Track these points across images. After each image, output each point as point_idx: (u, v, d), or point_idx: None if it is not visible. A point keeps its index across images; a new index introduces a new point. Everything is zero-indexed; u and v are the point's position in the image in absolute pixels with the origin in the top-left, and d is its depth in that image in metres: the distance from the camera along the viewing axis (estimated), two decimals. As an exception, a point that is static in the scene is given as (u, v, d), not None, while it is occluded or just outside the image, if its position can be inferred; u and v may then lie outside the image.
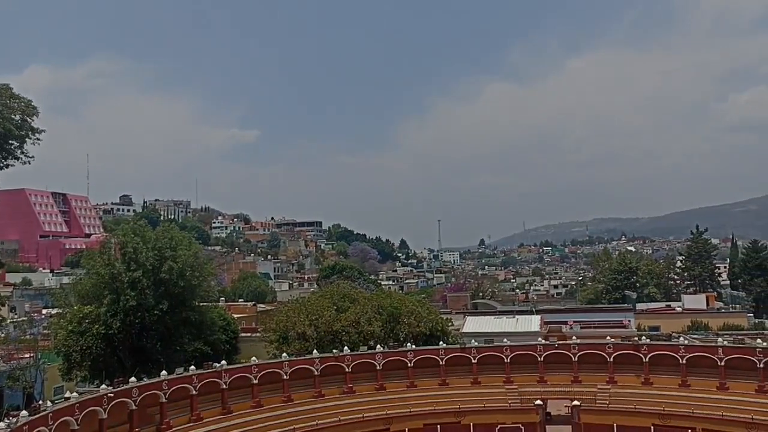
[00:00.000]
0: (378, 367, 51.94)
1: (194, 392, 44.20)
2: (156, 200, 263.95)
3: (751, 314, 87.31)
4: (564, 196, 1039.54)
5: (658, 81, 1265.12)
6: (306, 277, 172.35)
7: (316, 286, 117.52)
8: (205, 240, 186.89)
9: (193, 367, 45.93)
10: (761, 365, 45.64)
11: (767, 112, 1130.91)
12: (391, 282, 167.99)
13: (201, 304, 55.75)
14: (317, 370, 50.39)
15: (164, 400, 42.28)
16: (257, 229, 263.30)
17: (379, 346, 53.21)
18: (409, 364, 52.48)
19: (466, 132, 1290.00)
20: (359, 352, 52.27)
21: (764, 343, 48.49)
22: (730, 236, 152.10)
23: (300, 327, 55.03)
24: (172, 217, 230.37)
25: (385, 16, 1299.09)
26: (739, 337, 58.78)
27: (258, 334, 64.27)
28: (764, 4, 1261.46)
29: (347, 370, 51.25)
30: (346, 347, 52.31)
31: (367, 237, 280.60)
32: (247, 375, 47.85)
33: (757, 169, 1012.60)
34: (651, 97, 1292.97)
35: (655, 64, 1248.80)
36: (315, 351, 51.69)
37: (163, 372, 43.89)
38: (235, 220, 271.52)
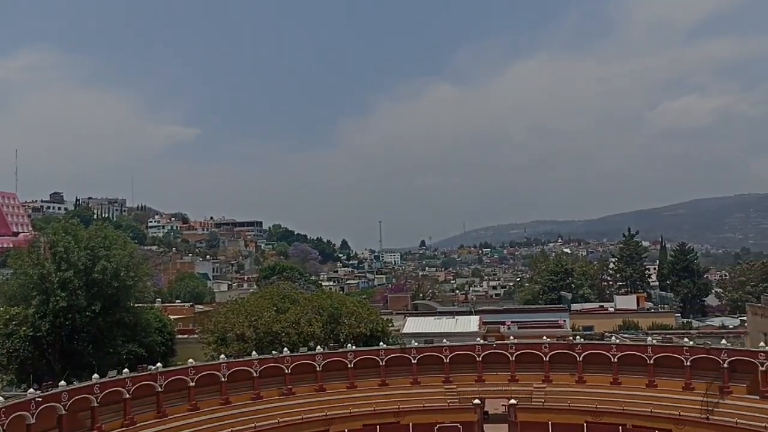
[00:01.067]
0: (318, 368, 51.69)
1: (127, 396, 42.95)
2: (89, 198, 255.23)
3: (679, 314, 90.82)
4: (503, 198, 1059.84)
5: (596, 87, 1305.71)
6: (246, 277, 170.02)
7: (255, 286, 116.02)
8: (141, 239, 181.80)
9: (126, 370, 44.60)
10: (688, 363, 47.46)
11: (696, 121, 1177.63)
12: (332, 283, 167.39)
13: (136, 305, 54.36)
14: (256, 371, 49.74)
15: (96, 404, 40.91)
16: (196, 229, 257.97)
17: (319, 347, 52.96)
18: (349, 365, 52.41)
19: (409, 133, 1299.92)
20: (299, 353, 51.88)
21: (691, 342, 50.46)
22: (660, 239, 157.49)
23: (239, 328, 54.29)
24: (107, 215, 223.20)
25: (329, 15, 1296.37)
26: (667, 336, 61.11)
27: (195, 336, 63.09)
28: (695, 17, 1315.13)
29: (287, 371, 50.79)
30: (285, 348, 51.84)
31: (308, 237, 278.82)
32: (183, 377, 46.81)
33: (686, 175, 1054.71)
34: (589, 103, 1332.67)
35: (593, 70, 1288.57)
36: (254, 352, 51.08)
37: (95, 375, 42.46)
38: (173, 219, 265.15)
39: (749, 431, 41.38)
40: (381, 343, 55.39)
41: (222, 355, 50.91)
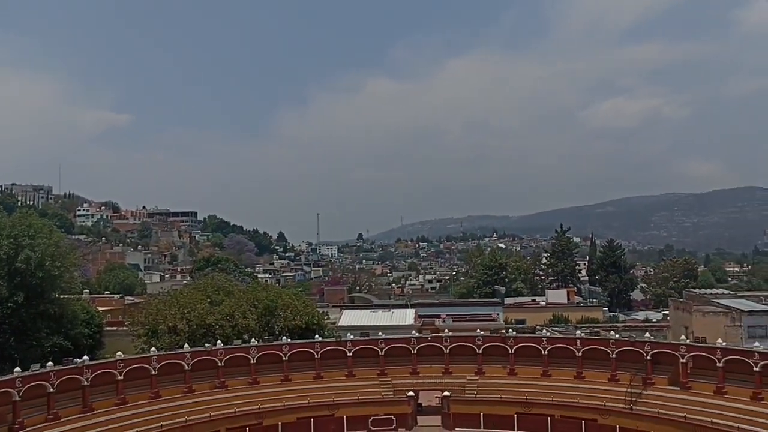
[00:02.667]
0: (252, 361, 51.09)
1: (52, 390, 41.36)
2: (13, 185, 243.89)
3: (606, 308, 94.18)
4: (440, 192, 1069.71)
5: (533, 85, 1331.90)
6: (179, 269, 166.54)
7: (189, 278, 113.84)
8: (68, 228, 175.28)
9: (51, 363, 42.94)
10: (614, 356, 49.10)
11: (625, 122, 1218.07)
12: (268, 275, 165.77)
13: (62, 296, 52.51)
14: (188, 364, 48.73)
15: (17, 398, 39.26)
16: (127, 219, 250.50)
17: (253, 339, 52.36)
18: (284, 358, 52.02)
19: (348, 126, 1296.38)
20: (233, 346, 51.16)
21: (617, 336, 52.29)
22: (590, 235, 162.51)
23: (171, 320, 53.08)
24: (31, 203, 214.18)
25: (268, 3, 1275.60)
26: (595, 329, 63.08)
27: (125, 328, 61.34)
28: (625, 22, 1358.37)
29: (220, 364, 49.99)
30: (219, 341, 51.04)
31: (244, 229, 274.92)
32: (111, 371, 45.38)
33: (616, 174, 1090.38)
34: (525, 101, 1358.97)
35: (530, 69, 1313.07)
36: (186, 345, 50.02)
37: (17, 369, 40.73)
38: (103, 208, 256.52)
39: (670, 421, 43.11)
40: (317, 336, 55.23)
41: (153, 348, 49.66)
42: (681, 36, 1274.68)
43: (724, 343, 45.70)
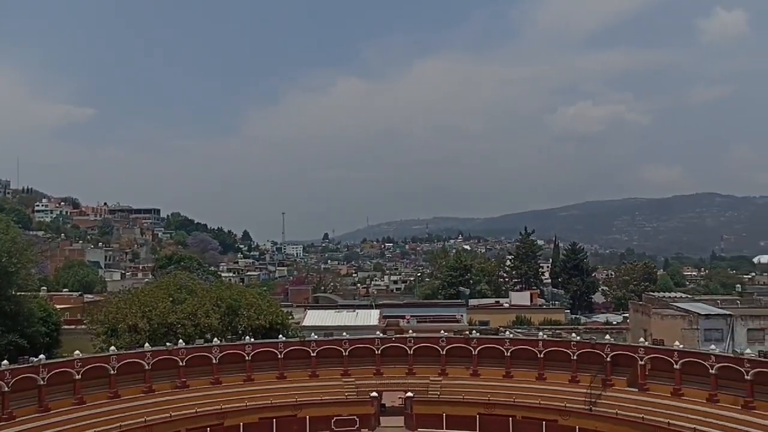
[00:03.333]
0: (214, 361, 50.50)
1: (6, 389, 40.33)
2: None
3: (568, 310, 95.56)
4: (407, 194, 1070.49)
5: (499, 89, 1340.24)
6: (141, 266, 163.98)
7: (151, 276, 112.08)
8: (25, 224, 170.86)
9: (6, 362, 41.86)
10: (575, 357, 49.79)
11: (589, 127, 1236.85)
12: (232, 274, 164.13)
13: (18, 293, 51.20)
14: (148, 364, 47.93)
15: (-31, 398, 38.23)
16: (88, 215, 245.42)
17: (216, 339, 51.77)
18: (247, 358, 51.54)
19: (316, 125, 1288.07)
20: (195, 346, 50.49)
21: (578, 337, 53.09)
22: (554, 238, 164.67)
23: (131, 319, 52.17)
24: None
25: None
26: (557, 331, 63.99)
27: (84, 327, 60.11)
28: (590, 28, 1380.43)
29: (181, 363, 49.29)
30: (181, 340, 50.35)
31: (209, 227, 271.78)
32: (68, 370, 44.40)
33: (580, 178, 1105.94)
34: (492, 103, 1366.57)
35: (497, 72, 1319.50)
36: (147, 344, 49.20)
37: (-30, 368, 39.65)
38: (63, 203, 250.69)
39: (628, 422, 43.90)
40: (280, 336, 54.88)
41: (112, 347, 48.75)
42: (645, 43, 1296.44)
43: (681, 346, 46.76)
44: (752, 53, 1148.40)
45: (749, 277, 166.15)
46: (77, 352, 46.53)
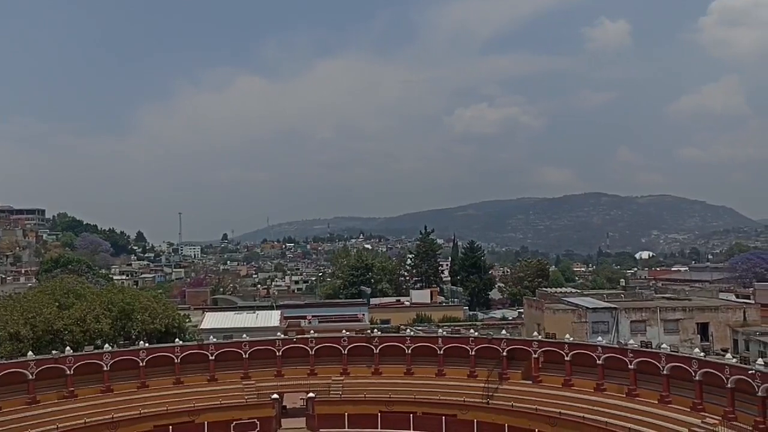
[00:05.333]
0: (105, 368, 48.14)
1: None
2: None
3: (467, 307, 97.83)
4: (308, 193, 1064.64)
5: (400, 90, 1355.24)
6: (23, 270, 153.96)
7: (35, 280, 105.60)
8: None
9: None
10: (473, 353, 51.16)
11: (485, 128, 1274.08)
12: (124, 277, 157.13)
13: None
14: (32, 374, 45.01)
15: None
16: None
17: (107, 345, 49.54)
18: (141, 364, 49.50)
19: (214, 123, 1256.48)
20: (83, 353, 47.94)
21: (476, 333, 54.65)
22: (453, 237, 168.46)
23: (13, 326, 49.10)
24: None
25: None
26: (456, 328, 65.49)
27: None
28: (486, 33, 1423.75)
29: (68, 372, 46.67)
30: (68, 348, 47.71)
31: (99, 228, 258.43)
32: (-60, 383, 41.12)
33: (477, 178, 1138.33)
34: (393, 104, 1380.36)
35: (398, 73, 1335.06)
36: (30, 353, 46.26)
37: None
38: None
39: (523, 413, 45.59)
40: (177, 340, 53.10)
41: (-9, 357, 45.55)
42: (538, 49, 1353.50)
43: (571, 339, 49.08)
44: (633, 62, 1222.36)
45: (632, 272, 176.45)
46: (-50, 363, 43.14)
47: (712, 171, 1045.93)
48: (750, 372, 35.75)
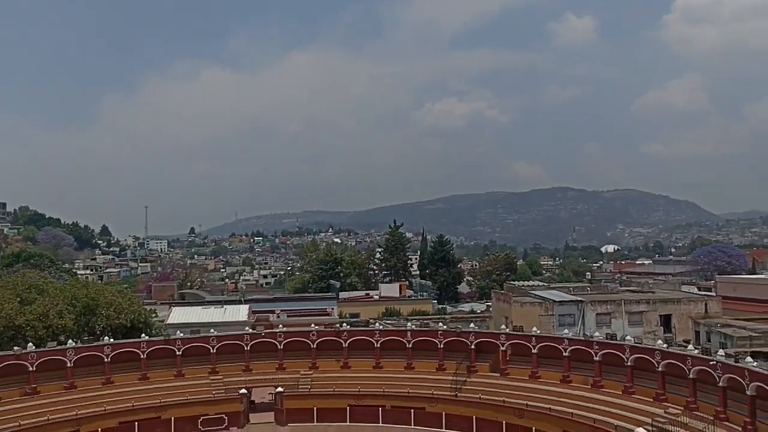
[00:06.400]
0: (69, 364, 47.33)
1: None
2: None
3: (436, 300, 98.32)
4: (277, 187, 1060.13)
5: (369, 84, 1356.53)
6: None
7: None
8: None
9: None
10: (441, 346, 51.41)
11: (454, 123, 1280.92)
12: (89, 271, 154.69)
13: None
14: (-8, 370, 44.15)
15: None
16: None
17: (71, 341, 48.62)
18: (106, 360, 48.79)
19: (181, 116, 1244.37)
20: (46, 349, 47.18)
21: (444, 327, 54.88)
22: (422, 231, 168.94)
23: (-29, 323, 47.85)
24: None
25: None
26: (425, 321, 65.71)
27: None
28: (457, 27, 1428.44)
29: (31, 369, 45.79)
30: (30, 344, 46.77)
31: (63, 222, 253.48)
32: None
33: (446, 172, 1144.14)
34: (363, 98, 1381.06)
35: (367, 67, 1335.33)
36: (-10, 349, 45.35)
37: None
38: None
39: (490, 405, 45.96)
40: (143, 335, 52.49)
41: (-51, 354, 44.39)
42: (506, 45, 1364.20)
43: (538, 331, 49.61)
44: (599, 58, 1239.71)
45: (598, 265, 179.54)
46: None
47: (676, 166, 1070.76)
48: (711, 363, 36.51)
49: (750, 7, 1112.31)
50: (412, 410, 47.93)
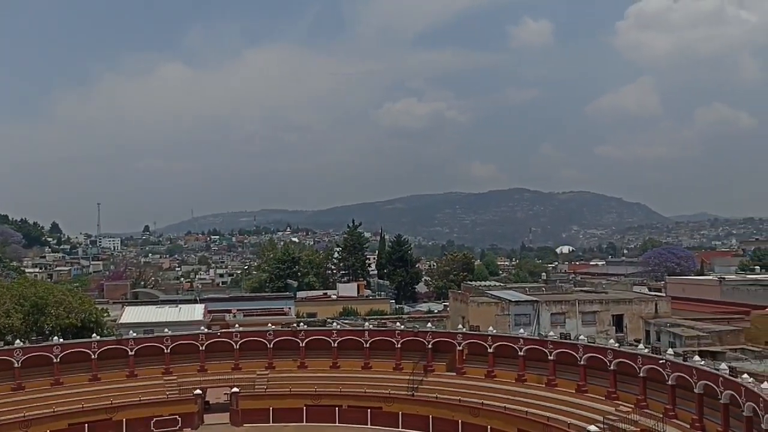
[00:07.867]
0: (16, 365, 46.13)
1: None
2: None
3: (393, 300, 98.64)
4: (234, 185, 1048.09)
5: (330, 82, 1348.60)
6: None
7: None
8: None
9: None
10: (399, 345, 51.57)
11: (414, 123, 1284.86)
12: (38, 269, 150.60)
13: None
14: (-66, 372, 42.62)
15: None
16: None
17: (18, 341, 47.33)
18: (55, 360, 47.61)
19: (135, 112, 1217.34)
20: (-8, 349, 45.76)
21: (402, 326, 55.05)
22: (380, 231, 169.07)
23: None
24: None
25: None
26: (382, 321, 65.84)
27: None
28: (418, 27, 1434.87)
29: (-24, 370, 44.45)
30: (-25, 344, 45.39)
31: (10, 219, 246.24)
32: None
33: (405, 172, 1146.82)
34: (323, 96, 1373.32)
35: (327, 65, 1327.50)
36: (-68, 350, 43.75)
37: None
38: None
39: (447, 404, 46.36)
40: (94, 335, 51.34)
41: None
42: (466, 45, 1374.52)
43: (494, 331, 50.15)
44: (556, 61, 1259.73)
45: (553, 266, 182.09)
46: None
47: (628, 169, 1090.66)
48: (660, 361, 37.49)
49: (701, 15, 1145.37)
50: (369, 410, 48.08)
